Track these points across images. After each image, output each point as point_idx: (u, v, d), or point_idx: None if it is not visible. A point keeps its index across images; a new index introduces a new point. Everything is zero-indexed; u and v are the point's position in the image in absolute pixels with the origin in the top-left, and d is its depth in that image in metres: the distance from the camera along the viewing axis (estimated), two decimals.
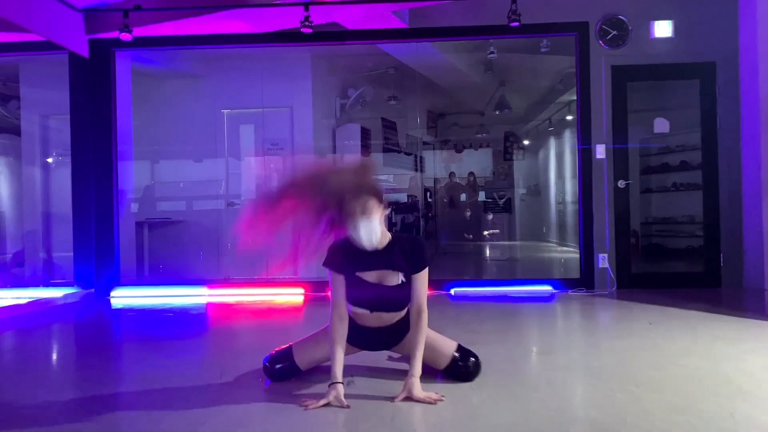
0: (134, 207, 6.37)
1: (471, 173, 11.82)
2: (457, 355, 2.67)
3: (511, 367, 2.93)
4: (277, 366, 2.71)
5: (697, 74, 5.74)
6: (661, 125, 5.93)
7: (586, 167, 5.77)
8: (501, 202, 11.23)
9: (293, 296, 5.74)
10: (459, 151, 12.39)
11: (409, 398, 2.38)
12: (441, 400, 2.37)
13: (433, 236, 10.66)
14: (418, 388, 2.39)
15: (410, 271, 2.55)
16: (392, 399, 2.40)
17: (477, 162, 12.33)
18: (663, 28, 5.68)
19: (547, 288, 5.71)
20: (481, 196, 11.58)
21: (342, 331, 2.51)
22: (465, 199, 11.60)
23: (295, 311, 5.08)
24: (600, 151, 5.73)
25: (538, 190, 11.90)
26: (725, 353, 3.11)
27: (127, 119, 6.27)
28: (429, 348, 2.60)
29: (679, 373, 2.75)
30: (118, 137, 6.07)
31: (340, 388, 2.38)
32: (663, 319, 4.11)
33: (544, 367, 2.97)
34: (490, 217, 10.82)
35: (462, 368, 2.66)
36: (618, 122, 5.77)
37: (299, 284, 5.90)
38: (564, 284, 5.74)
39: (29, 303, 5.22)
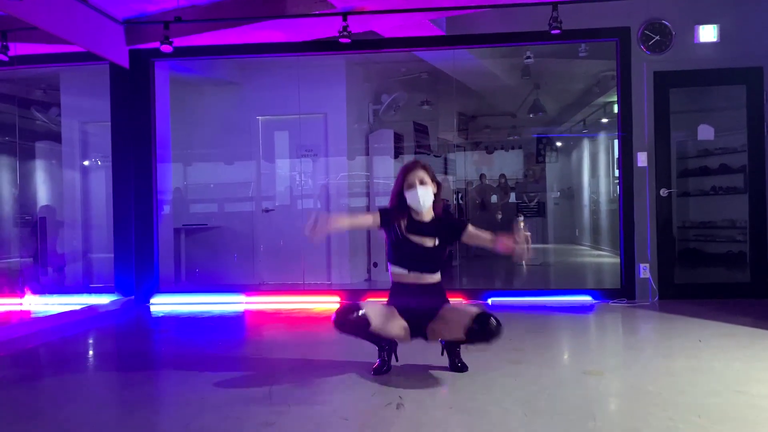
0: (167, 209, 6.44)
1: (502, 175, 11.71)
2: (477, 315, 3.01)
3: (563, 392, 2.88)
4: (351, 316, 3.03)
5: (744, 79, 5.58)
6: (705, 132, 5.78)
7: (627, 175, 5.65)
8: (532, 203, 11.11)
9: (329, 304, 5.75)
10: (490, 153, 12.30)
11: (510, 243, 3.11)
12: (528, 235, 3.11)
13: None
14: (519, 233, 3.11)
15: (458, 232, 3.24)
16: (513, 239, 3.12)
17: (509, 164, 12.21)
18: (708, 33, 5.53)
19: (587, 298, 5.62)
20: (512, 197, 11.48)
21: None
22: (496, 201, 11.51)
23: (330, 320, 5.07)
24: (642, 159, 5.61)
25: (571, 193, 11.73)
26: None
27: (165, 127, 6.35)
28: (460, 313, 3.10)
29: (742, 401, 2.67)
30: (158, 144, 6.15)
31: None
32: (713, 336, 4.01)
33: (597, 391, 2.91)
34: (521, 218, 10.70)
35: (482, 328, 2.97)
36: (660, 129, 5.64)
37: (335, 292, 5.91)
38: (604, 294, 5.64)
39: (73, 312, 5.31)
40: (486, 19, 5.69)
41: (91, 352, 4.23)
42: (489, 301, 5.66)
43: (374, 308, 3.13)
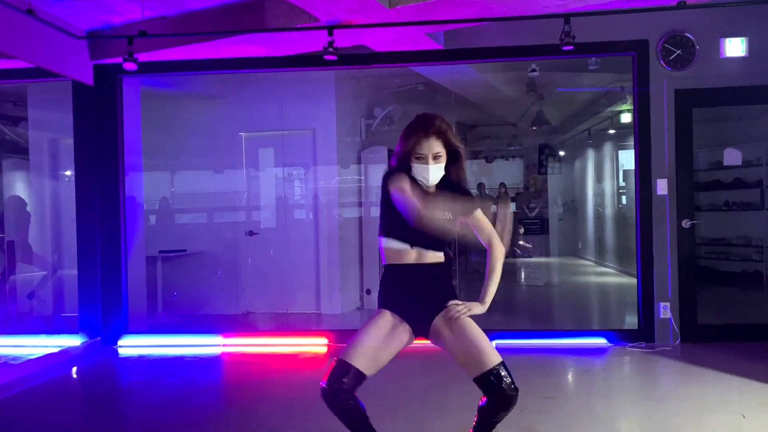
0: (140, 235, 5.89)
1: (502, 184, 11.20)
2: (498, 368, 2.33)
3: None
4: (345, 380, 2.32)
5: None
6: (731, 157, 5.24)
7: (645, 204, 5.10)
8: (532, 215, 10.61)
9: (315, 347, 5.21)
10: (489, 162, 11.81)
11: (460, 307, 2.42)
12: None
13: (463, 253, 10.03)
14: (471, 310, 2.45)
15: (468, 213, 2.54)
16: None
17: (509, 173, 11.72)
18: (735, 47, 4.98)
19: (601, 341, 5.08)
20: (512, 208, 10.97)
21: None
22: (495, 212, 10.98)
23: (318, 364, 4.54)
24: (662, 187, 5.07)
25: (575, 206, 11.21)
26: None
27: (136, 146, 5.79)
28: (471, 346, 2.39)
29: None
30: (126, 167, 5.58)
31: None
32: (755, 403, 3.46)
33: None
34: (522, 231, 10.21)
35: (497, 382, 2.31)
36: (682, 153, 5.09)
37: (322, 333, 5.36)
38: (619, 336, 5.10)
39: (29, 362, 4.76)
40: (488, 32, 5.14)
41: (41, 412, 3.66)
42: (492, 343, 5.11)
43: (362, 350, 2.40)
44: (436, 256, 2.52)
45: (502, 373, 2.31)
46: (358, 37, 4.83)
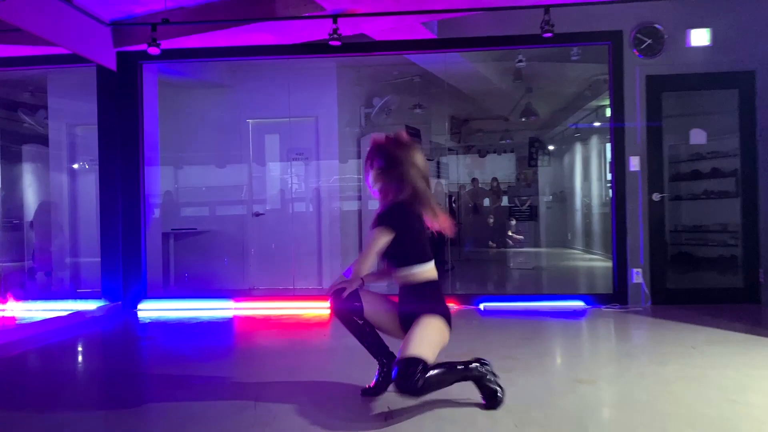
0: (156, 213, 6.36)
1: (494, 178, 11.70)
2: (414, 361, 2.51)
3: (553, 401, 2.83)
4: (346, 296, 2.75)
5: (736, 83, 5.57)
6: (697, 136, 5.76)
7: (619, 180, 5.62)
8: (524, 207, 11.10)
9: (319, 310, 5.67)
10: (483, 156, 12.29)
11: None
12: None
13: (457, 243, 10.52)
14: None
15: None
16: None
17: (501, 167, 12.20)
18: (700, 37, 5.51)
19: (579, 303, 5.57)
20: (504, 201, 11.46)
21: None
22: (489, 205, 11.49)
23: (321, 326, 5.01)
24: (634, 163, 5.59)
25: (563, 196, 11.71)
26: None
27: (153, 129, 6.27)
28: (414, 327, 2.66)
29: (736, 411, 2.62)
30: (145, 147, 6.06)
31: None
32: (706, 342, 3.97)
33: (591, 401, 2.85)
34: (513, 222, 10.70)
35: (401, 373, 2.49)
36: (653, 133, 5.61)
37: (325, 298, 5.82)
38: (596, 299, 5.60)
39: (58, 318, 5.21)
40: (478, 22, 5.65)
41: (75, 360, 4.13)
42: (481, 306, 5.61)
43: (372, 300, 2.85)
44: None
45: (411, 371, 2.48)
46: (359, 26, 5.34)
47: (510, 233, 10.45)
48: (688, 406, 2.70)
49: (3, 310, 5.83)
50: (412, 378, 2.46)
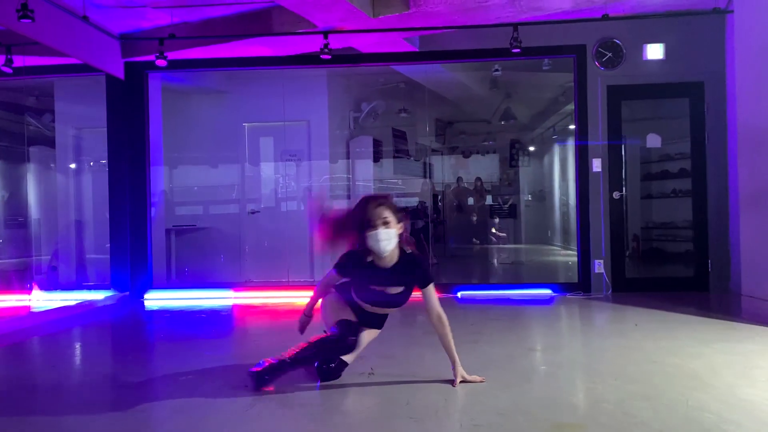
0: (159, 210, 6.87)
1: (478, 178, 12.26)
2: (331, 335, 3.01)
3: (509, 363, 3.40)
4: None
5: (687, 93, 6.18)
6: (653, 140, 6.37)
7: (583, 179, 6.22)
8: (506, 206, 11.69)
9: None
10: (467, 157, 12.85)
11: (464, 380, 2.94)
12: (483, 381, 2.95)
13: (442, 240, 11.10)
14: (464, 373, 2.96)
15: (420, 286, 3.01)
16: (452, 383, 2.92)
17: (484, 167, 12.77)
18: (655, 51, 6.11)
19: (548, 292, 6.17)
20: (488, 200, 12.03)
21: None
22: (473, 204, 12.07)
23: (314, 312, 5.54)
24: (596, 165, 6.18)
25: (543, 195, 12.31)
26: (698, 352, 3.56)
27: (157, 133, 6.79)
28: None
29: (654, 369, 3.21)
30: (151, 150, 6.59)
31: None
32: (649, 321, 4.56)
33: (537, 363, 3.43)
34: (497, 221, 11.29)
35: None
36: (613, 137, 6.21)
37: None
38: (563, 288, 6.20)
39: (74, 306, 5.73)
40: (456, 37, 6.22)
41: (89, 342, 4.66)
42: (459, 294, 6.18)
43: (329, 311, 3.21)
44: (394, 310, 3.19)
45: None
46: (348, 40, 5.90)
47: (493, 230, 11.04)
48: (616, 366, 3.29)
49: (30, 300, 6.35)
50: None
